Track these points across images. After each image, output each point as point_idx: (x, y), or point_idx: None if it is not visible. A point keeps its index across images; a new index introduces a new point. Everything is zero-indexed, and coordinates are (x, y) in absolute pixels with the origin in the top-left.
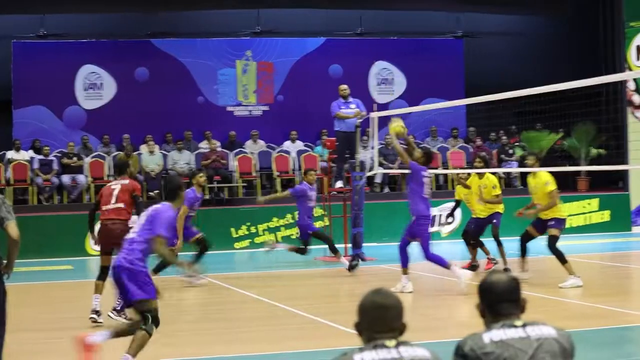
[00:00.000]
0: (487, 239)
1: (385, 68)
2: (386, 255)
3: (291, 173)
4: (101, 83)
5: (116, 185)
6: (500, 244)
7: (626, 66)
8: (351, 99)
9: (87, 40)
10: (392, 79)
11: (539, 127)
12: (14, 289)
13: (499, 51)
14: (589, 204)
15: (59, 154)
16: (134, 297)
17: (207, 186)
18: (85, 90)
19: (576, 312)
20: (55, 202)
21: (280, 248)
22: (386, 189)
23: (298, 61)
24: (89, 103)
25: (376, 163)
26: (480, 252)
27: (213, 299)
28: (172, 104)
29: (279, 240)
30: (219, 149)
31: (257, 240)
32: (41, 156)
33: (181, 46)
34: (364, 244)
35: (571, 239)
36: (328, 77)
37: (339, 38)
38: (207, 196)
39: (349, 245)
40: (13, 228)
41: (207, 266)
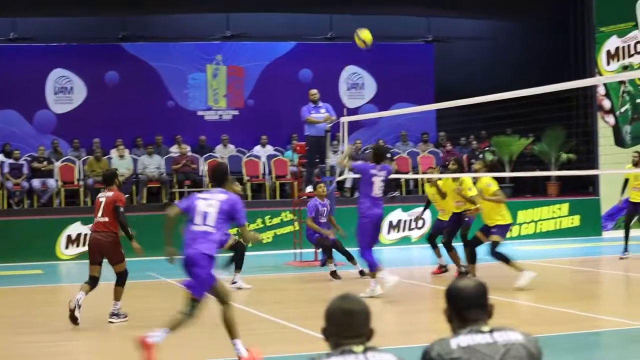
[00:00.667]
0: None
1: (355, 73)
2: (357, 259)
3: (261, 178)
4: (71, 87)
5: (103, 197)
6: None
7: (596, 71)
8: (321, 104)
9: (58, 44)
10: (363, 84)
11: (509, 132)
12: None
13: (470, 56)
14: (559, 209)
15: (29, 158)
16: (194, 289)
17: (177, 191)
18: (55, 94)
19: (546, 317)
20: (25, 207)
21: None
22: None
23: (268, 65)
24: (59, 107)
25: (346, 168)
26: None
27: (180, 304)
28: (143, 108)
29: (249, 245)
30: (189, 154)
31: (228, 244)
32: (11, 160)
33: (151, 50)
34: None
35: (541, 244)
36: (298, 82)
37: (309, 42)
38: (177, 201)
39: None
40: None
41: (177, 272)
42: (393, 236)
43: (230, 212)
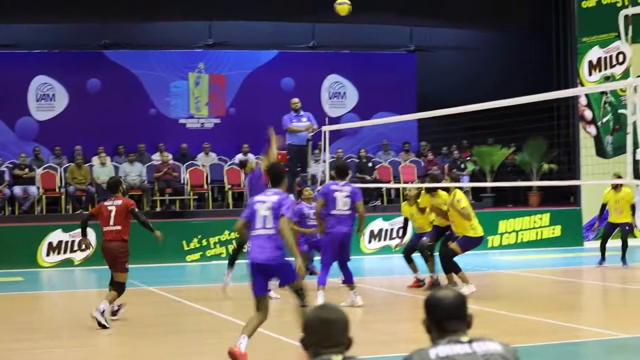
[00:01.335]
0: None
1: (337, 82)
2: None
3: (243, 186)
4: (53, 94)
5: (112, 207)
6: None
7: (578, 81)
8: (303, 113)
9: (40, 51)
10: (344, 93)
11: (491, 142)
12: None
13: (452, 66)
14: (540, 219)
15: (11, 165)
16: (290, 280)
17: (159, 199)
18: (37, 101)
19: (526, 327)
20: (6, 214)
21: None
22: None
23: (250, 74)
24: (41, 114)
25: (327, 176)
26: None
27: (163, 312)
28: (124, 116)
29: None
30: (171, 162)
31: (208, 253)
32: None
33: (134, 58)
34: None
35: (522, 254)
36: (280, 90)
37: (292, 51)
38: (159, 208)
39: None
40: None
41: (157, 279)
42: (374, 245)
43: (277, 209)
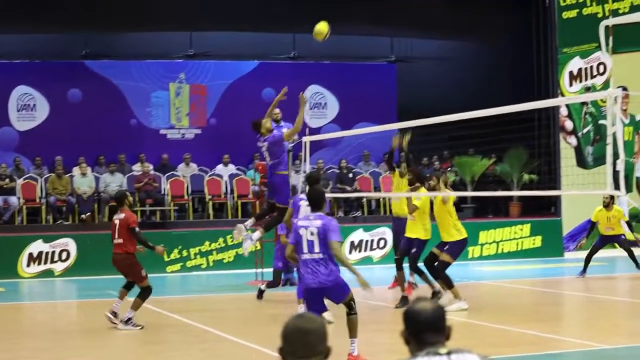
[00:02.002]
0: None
1: (318, 92)
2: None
3: (223, 197)
4: (34, 104)
5: (117, 220)
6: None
7: (559, 92)
8: (283, 123)
9: (21, 61)
10: (325, 103)
11: (472, 152)
12: None
13: (432, 76)
14: (521, 230)
15: None
16: (344, 297)
17: (139, 209)
18: (18, 111)
19: (507, 338)
20: None
21: None
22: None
23: (231, 84)
24: (22, 124)
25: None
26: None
27: (143, 323)
28: (105, 126)
29: (211, 264)
30: (152, 172)
31: (189, 264)
32: None
33: (115, 68)
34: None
35: (503, 265)
36: (261, 101)
37: (273, 62)
38: (139, 219)
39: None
40: None
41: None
42: (355, 256)
43: (324, 234)
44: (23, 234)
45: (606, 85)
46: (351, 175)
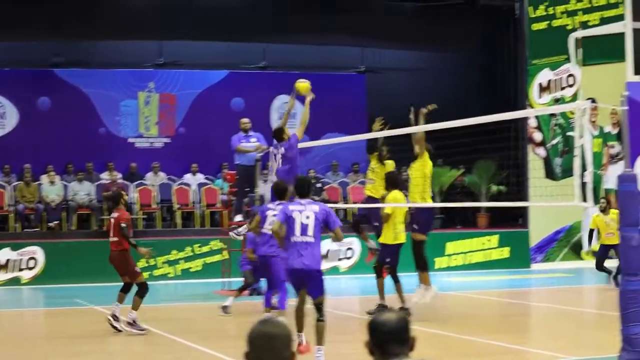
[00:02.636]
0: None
1: (287, 102)
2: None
3: (191, 206)
4: (3, 112)
5: (112, 219)
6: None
7: (528, 103)
8: (252, 133)
9: None
10: (295, 113)
11: (440, 163)
12: None
13: (402, 87)
14: (489, 241)
15: None
16: (321, 293)
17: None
18: None
19: (475, 350)
20: None
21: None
22: None
23: (200, 93)
24: None
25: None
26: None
27: (109, 332)
28: (74, 135)
29: (179, 273)
30: (120, 181)
31: (156, 273)
32: None
33: (84, 76)
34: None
35: (470, 275)
36: (230, 110)
37: (242, 71)
38: (107, 228)
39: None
40: None
41: (105, 299)
42: (322, 266)
43: (325, 221)
44: None
45: (575, 97)
46: (319, 185)
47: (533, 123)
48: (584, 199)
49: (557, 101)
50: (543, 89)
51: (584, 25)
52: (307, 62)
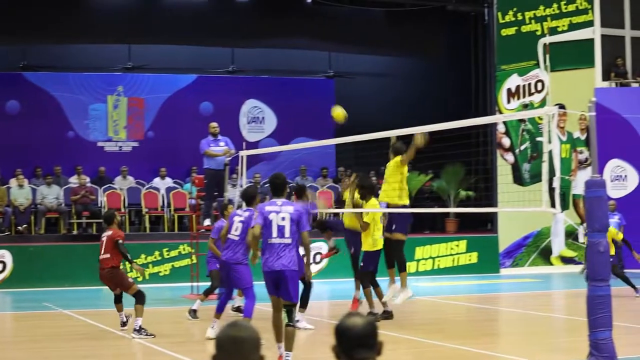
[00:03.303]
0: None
1: (256, 106)
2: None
3: (160, 210)
4: None
5: (104, 237)
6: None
7: (496, 109)
8: (220, 137)
9: None
10: (263, 118)
11: (409, 168)
12: None
13: (371, 92)
14: (457, 246)
15: None
16: (294, 299)
17: (75, 222)
18: None
19: (443, 355)
20: None
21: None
22: None
23: (169, 97)
24: None
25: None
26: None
27: (79, 336)
28: (43, 138)
29: (147, 278)
30: (88, 184)
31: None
32: None
33: (53, 80)
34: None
35: (439, 281)
36: (199, 114)
37: (211, 75)
38: (75, 231)
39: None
40: None
41: (73, 303)
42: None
43: (298, 221)
44: None
45: (544, 102)
46: (288, 190)
47: (502, 128)
48: (552, 205)
49: (526, 107)
50: (512, 95)
51: (553, 31)
52: (276, 67)
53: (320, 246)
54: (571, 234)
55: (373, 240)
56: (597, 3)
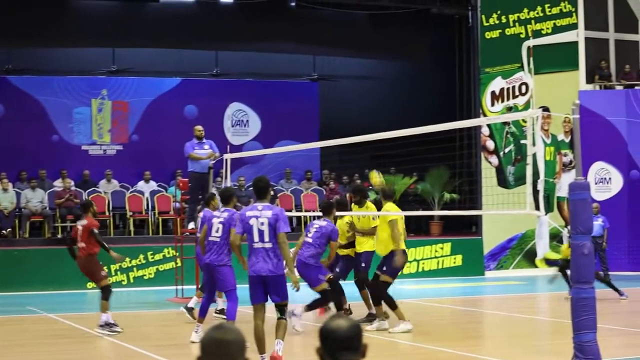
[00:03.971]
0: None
1: (240, 109)
2: (241, 297)
3: (144, 213)
4: None
5: (80, 226)
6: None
7: (481, 111)
8: (205, 140)
9: None
10: (247, 121)
11: (393, 171)
12: None
13: (355, 95)
14: (442, 248)
15: None
16: (284, 299)
17: (60, 225)
18: None
19: (428, 357)
20: None
21: None
22: None
23: (153, 101)
24: None
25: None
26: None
27: (64, 339)
28: (27, 142)
29: (132, 281)
30: (73, 188)
31: (109, 280)
32: None
33: (37, 83)
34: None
35: (423, 283)
36: (183, 118)
37: (195, 79)
38: (60, 235)
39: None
40: None
41: (58, 306)
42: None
43: (275, 225)
44: None
45: (528, 105)
46: (272, 192)
47: (486, 131)
48: (537, 207)
49: (510, 109)
50: (496, 97)
51: (537, 33)
52: (260, 70)
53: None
54: (555, 237)
55: (372, 241)
56: (581, 6)
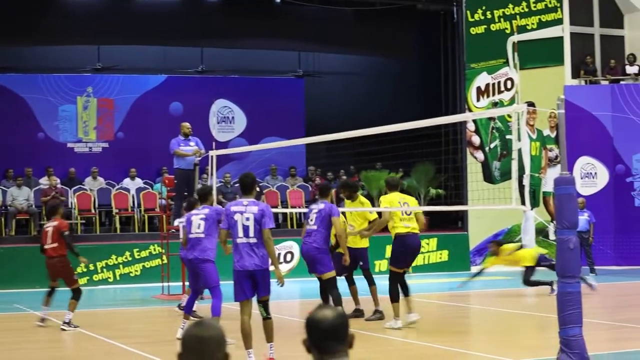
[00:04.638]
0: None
1: (225, 106)
2: (226, 292)
3: (130, 210)
4: None
5: (49, 227)
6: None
7: (466, 107)
8: (191, 137)
9: None
10: (233, 117)
11: (379, 167)
12: None
13: (341, 91)
14: (428, 244)
15: None
16: (267, 293)
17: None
18: None
19: (414, 352)
20: None
21: None
22: None
23: (139, 98)
24: None
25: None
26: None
27: (50, 338)
28: (13, 140)
29: (118, 278)
30: (59, 186)
31: (95, 277)
32: None
33: (22, 81)
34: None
35: (409, 279)
36: (169, 115)
37: (180, 75)
38: (34, 233)
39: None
40: None
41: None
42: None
43: (260, 220)
44: None
45: (513, 100)
46: (258, 189)
47: (471, 127)
48: (522, 202)
49: (495, 105)
50: (481, 93)
51: (522, 29)
52: (245, 66)
53: (291, 245)
54: (541, 232)
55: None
56: (566, 1)
